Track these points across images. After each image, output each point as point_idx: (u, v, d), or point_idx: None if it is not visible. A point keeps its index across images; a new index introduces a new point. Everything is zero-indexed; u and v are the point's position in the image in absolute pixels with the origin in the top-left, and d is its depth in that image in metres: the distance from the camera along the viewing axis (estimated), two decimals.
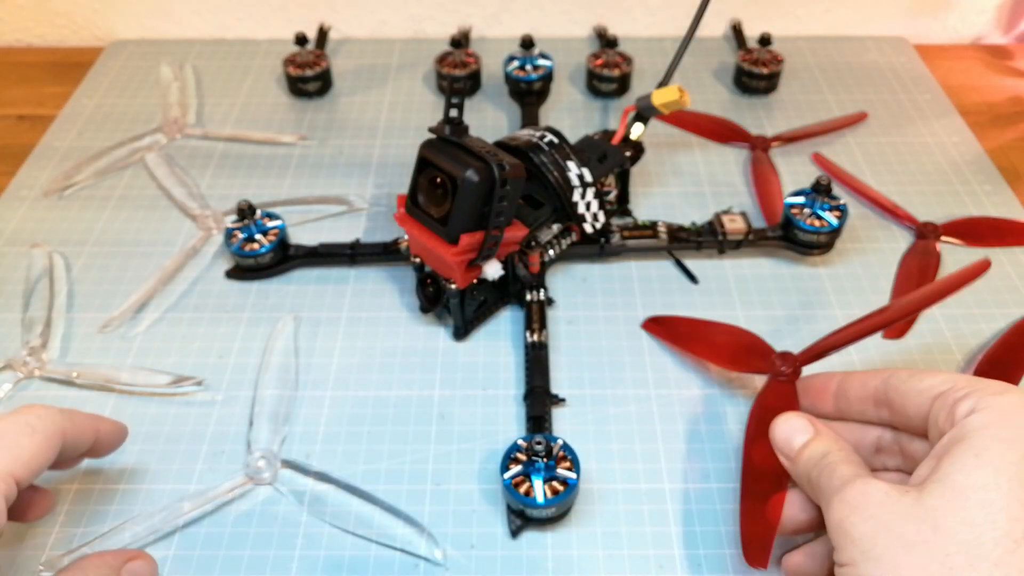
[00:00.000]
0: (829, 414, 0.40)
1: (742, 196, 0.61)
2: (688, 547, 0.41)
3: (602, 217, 0.52)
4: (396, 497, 0.43)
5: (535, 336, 0.49)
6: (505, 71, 0.69)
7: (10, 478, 0.33)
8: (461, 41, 0.71)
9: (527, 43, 0.69)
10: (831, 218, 0.53)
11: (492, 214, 0.44)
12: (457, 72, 0.70)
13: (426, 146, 0.45)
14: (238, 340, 0.51)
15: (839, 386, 0.39)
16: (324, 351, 0.50)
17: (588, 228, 0.52)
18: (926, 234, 0.57)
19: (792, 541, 0.39)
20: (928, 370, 0.36)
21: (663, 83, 0.55)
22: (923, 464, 0.32)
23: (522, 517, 0.41)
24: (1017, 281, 0.54)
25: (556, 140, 0.51)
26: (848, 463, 0.34)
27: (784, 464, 0.37)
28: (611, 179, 0.55)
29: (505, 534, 0.41)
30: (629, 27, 0.78)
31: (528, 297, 0.51)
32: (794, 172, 0.63)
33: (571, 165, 0.50)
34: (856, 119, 0.68)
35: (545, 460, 0.40)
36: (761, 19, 0.77)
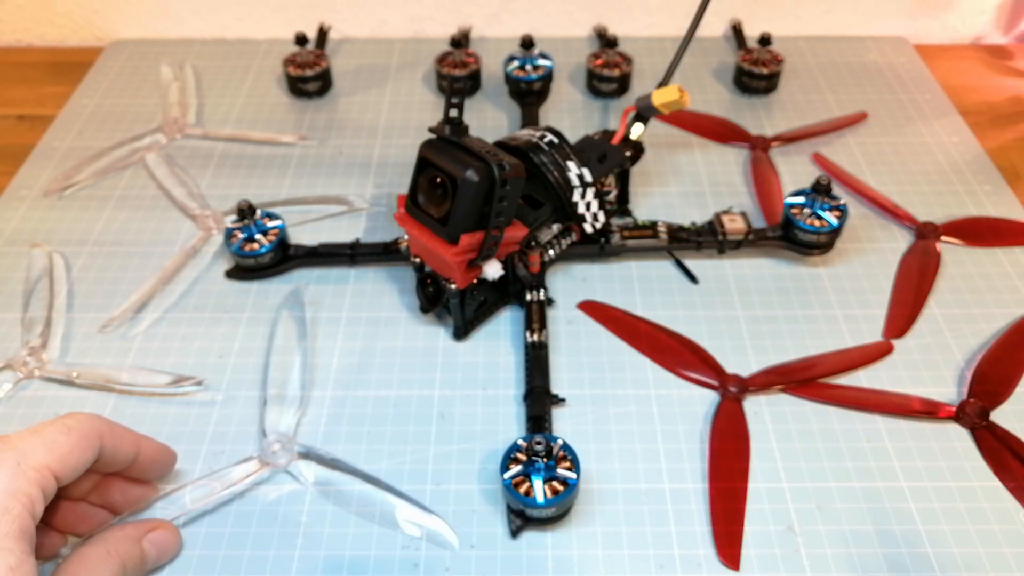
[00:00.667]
0: None
1: (742, 196, 0.61)
2: (688, 547, 0.41)
3: (602, 217, 0.52)
4: (397, 522, 0.42)
5: (535, 336, 0.49)
6: (505, 71, 0.69)
7: (46, 470, 0.34)
8: (461, 41, 0.71)
9: (527, 43, 0.69)
10: (831, 218, 0.53)
11: (492, 214, 0.44)
12: (457, 72, 0.70)
13: (426, 146, 0.45)
14: (238, 340, 0.51)
15: None
16: (324, 351, 0.50)
17: (588, 228, 0.52)
18: (926, 234, 0.57)
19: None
20: None
21: (663, 83, 0.55)
22: None
23: (522, 517, 0.41)
24: (1017, 281, 0.54)
25: (556, 140, 0.51)
26: None
27: None
28: (611, 179, 0.55)
29: (505, 534, 0.41)
30: (629, 27, 0.78)
31: (528, 297, 0.51)
32: (794, 172, 0.63)
33: (571, 165, 0.50)
34: (856, 119, 0.68)
35: (545, 460, 0.40)
36: (761, 19, 0.77)
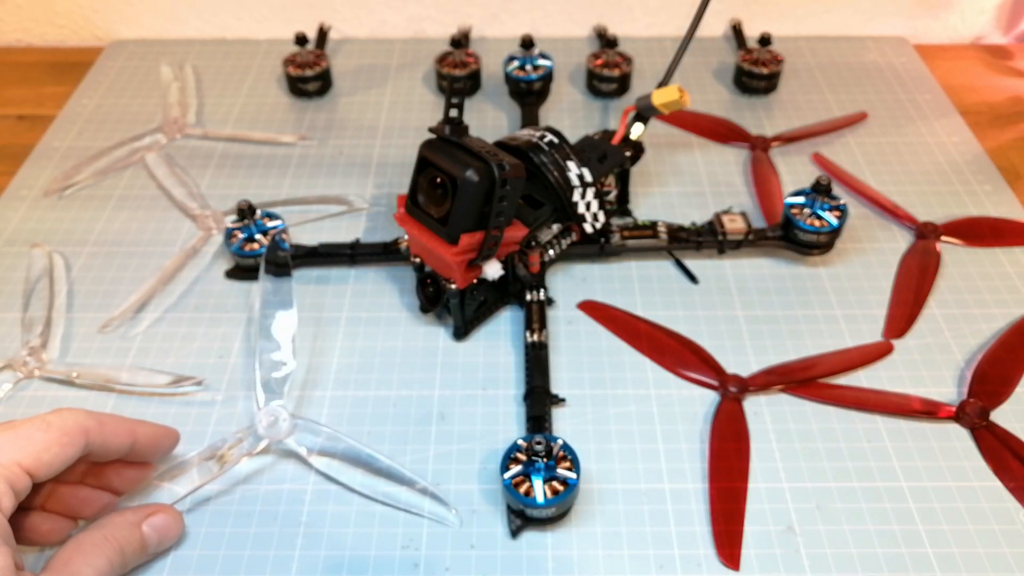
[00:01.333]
0: None
1: (742, 196, 0.61)
2: (688, 547, 0.41)
3: (602, 217, 0.52)
4: (395, 497, 0.43)
5: (535, 336, 0.49)
6: (505, 71, 0.69)
7: (16, 467, 0.33)
8: (461, 41, 0.71)
9: (527, 43, 0.69)
10: (831, 218, 0.53)
11: (492, 214, 0.44)
12: (457, 72, 0.70)
13: (426, 146, 0.45)
14: (238, 340, 0.51)
15: None
16: (324, 351, 0.50)
17: (588, 228, 0.52)
18: (926, 234, 0.57)
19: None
20: None
21: (663, 83, 0.55)
22: None
23: (522, 517, 0.41)
24: (1017, 281, 0.54)
25: (556, 140, 0.51)
26: None
27: None
28: (611, 179, 0.55)
29: (505, 534, 0.41)
30: (629, 27, 0.78)
31: (528, 297, 0.51)
32: (794, 172, 0.63)
33: (571, 165, 0.50)
34: (856, 119, 0.68)
35: (545, 460, 0.40)
36: (761, 19, 0.77)
